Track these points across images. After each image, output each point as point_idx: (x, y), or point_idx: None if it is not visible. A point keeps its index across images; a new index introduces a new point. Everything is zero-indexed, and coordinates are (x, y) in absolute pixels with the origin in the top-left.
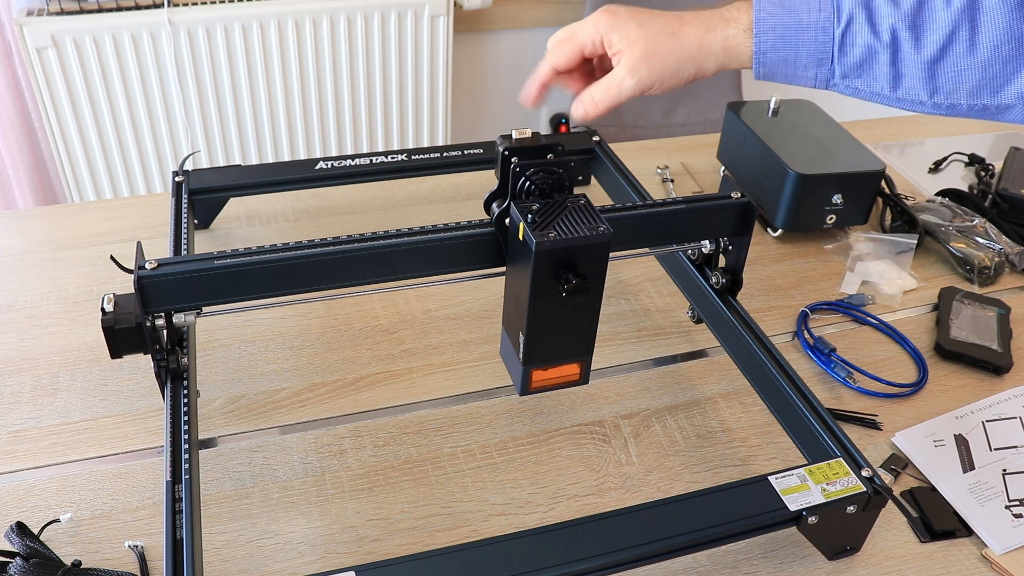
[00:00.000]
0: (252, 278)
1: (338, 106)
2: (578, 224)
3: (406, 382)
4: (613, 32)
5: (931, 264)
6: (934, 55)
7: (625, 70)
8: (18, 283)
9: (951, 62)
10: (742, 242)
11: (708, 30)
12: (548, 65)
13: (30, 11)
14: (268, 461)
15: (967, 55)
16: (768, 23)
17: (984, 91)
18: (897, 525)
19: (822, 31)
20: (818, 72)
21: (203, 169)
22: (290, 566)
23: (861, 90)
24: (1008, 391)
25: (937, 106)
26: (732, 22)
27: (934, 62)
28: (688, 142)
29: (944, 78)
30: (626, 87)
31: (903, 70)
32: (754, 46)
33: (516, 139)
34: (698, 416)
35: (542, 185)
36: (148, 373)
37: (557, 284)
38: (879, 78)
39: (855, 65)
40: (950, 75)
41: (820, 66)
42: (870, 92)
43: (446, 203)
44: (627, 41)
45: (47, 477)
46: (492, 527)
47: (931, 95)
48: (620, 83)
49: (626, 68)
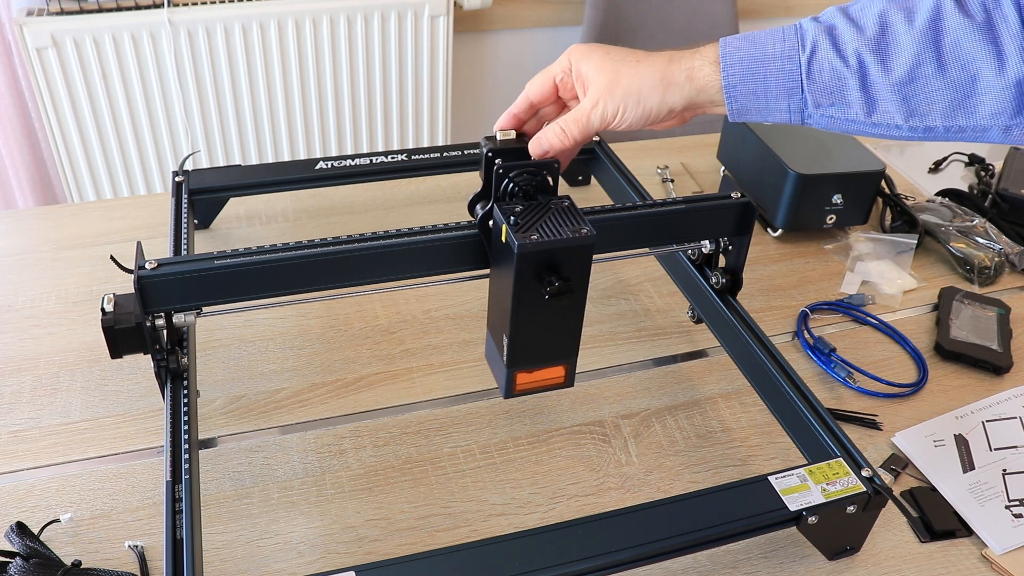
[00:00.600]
0: (252, 278)
1: (338, 106)
2: (561, 226)
3: (406, 382)
4: (582, 62)
5: (931, 264)
6: (903, 77)
7: (591, 101)
8: (18, 283)
9: (921, 84)
10: (742, 242)
11: (672, 61)
12: (523, 96)
13: (30, 11)
14: (268, 461)
15: (936, 76)
16: (735, 56)
17: (959, 112)
18: (897, 525)
19: (788, 59)
20: (790, 103)
21: (203, 169)
22: (290, 566)
23: (837, 119)
24: (1008, 391)
25: (914, 129)
26: (698, 55)
27: (904, 84)
28: (688, 142)
29: (917, 100)
30: (594, 117)
31: (875, 94)
32: (723, 79)
33: (500, 140)
34: (698, 416)
35: (526, 187)
36: (148, 373)
37: (540, 286)
38: (852, 104)
39: (826, 92)
40: (922, 96)
41: (791, 95)
42: (845, 120)
43: (446, 203)
44: (594, 70)
45: (47, 477)
46: (492, 527)
47: (906, 118)
48: (588, 113)
49: (592, 99)
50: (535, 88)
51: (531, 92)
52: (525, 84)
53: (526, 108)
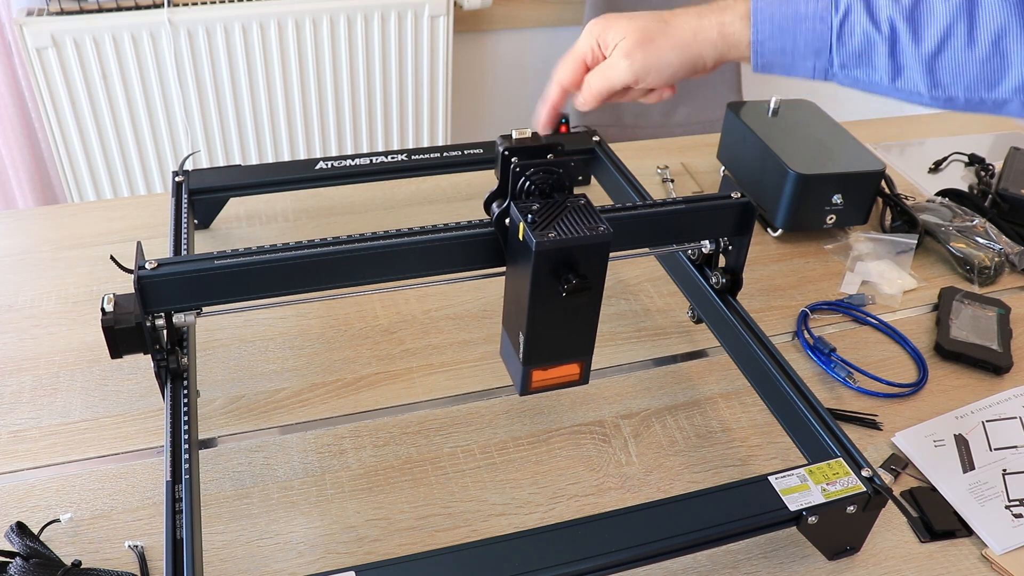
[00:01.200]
0: (252, 278)
1: (338, 106)
2: (578, 224)
3: (406, 382)
4: (606, 32)
5: (931, 264)
6: (933, 49)
7: (619, 54)
8: (18, 283)
9: (949, 56)
10: (742, 242)
11: (702, 16)
12: (555, 85)
13: (30, 11)
14: (268, 461)
15: (965, 49)
16: (766, 12)
17: (981, 86)
18: (897, 525)
19: (820, 20)
20: (816, 63)
21: (203, 169)
22: (290, 566)
23: (860, 80)
24: (1008, 391)
25: (935, 99)
26: (728, 10)
27: (933, 56)
28: (688, 142)
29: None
30: (619, 69)
31: (902, 62)
32: (751, 35)
33: (516, 139)
34: (698, 416)
35: (542, 185)
36: (148, 373)
37: (557, 284)
38: (878, 69)
39: (854, 55)
40: (948, 69)
41: (818, 56)
42: (869, 82)
43: (446, 203)
44: (620, 34)
45: (47, 477)
46: (492, 527)
47: (930, 88)
48: (613, 66)
49: (620, 53)
50: (566, 73)
51: (562, 78)
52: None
53: (560, 95)
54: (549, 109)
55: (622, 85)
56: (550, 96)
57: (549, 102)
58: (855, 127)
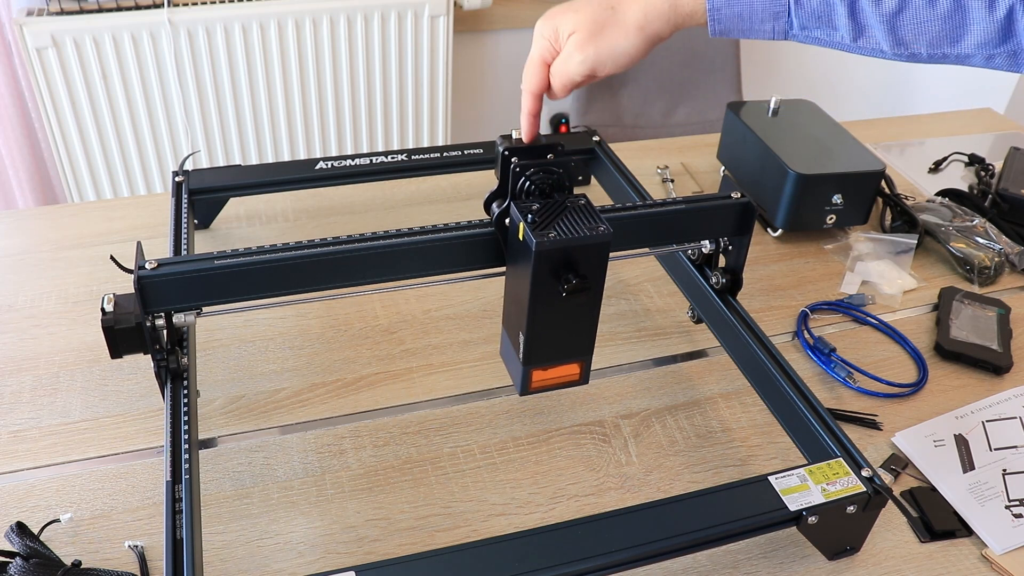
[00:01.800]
0: (252, 278)
1: (338, 106)
2: (578, 224)
3: (406, 382)
4: (557, 28)
5: (931, 264)
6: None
7: (574, 47)
8: (18, 283)
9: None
10: (742, 242)
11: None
12: (525, 94)
13: (30, 11)
14: (268, 461)
15: (926, 7)
16: None
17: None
18: (897, 525)
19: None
20: (775, 25)
21: (203, 169)
22: (290, 566)
23: (822, 39)
24: (1008, 391)
25: (898, 55)
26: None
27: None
28: (688, 142)
29: (904, 30)
30: (574, 63)
31: (864, 21)
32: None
33: (516, 139)
34: (698, 416)
35: (542, 185)
36: (148, 373)
37: (557, 284)
38: (839, 29)
39: (813, 16)
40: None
41: (777, 19)
42: (830, 42)
43: (446, 203)
44: (571, 27)
45: (47, 477)
46: (492, 527)
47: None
48: (568, 59)
49: (574, 46)
50: (532, 80)
51: (530, 86)
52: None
53: (534, 102)
54: (528, 118)
55: (581, 78)
56: (526, 106)
57: (526, 112)
58: (855, 127)
